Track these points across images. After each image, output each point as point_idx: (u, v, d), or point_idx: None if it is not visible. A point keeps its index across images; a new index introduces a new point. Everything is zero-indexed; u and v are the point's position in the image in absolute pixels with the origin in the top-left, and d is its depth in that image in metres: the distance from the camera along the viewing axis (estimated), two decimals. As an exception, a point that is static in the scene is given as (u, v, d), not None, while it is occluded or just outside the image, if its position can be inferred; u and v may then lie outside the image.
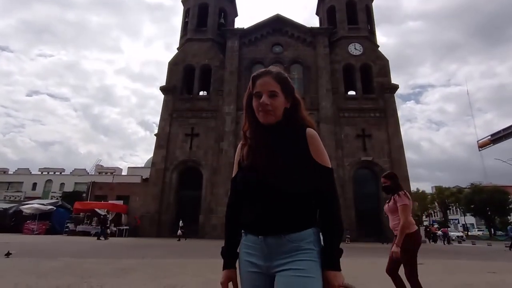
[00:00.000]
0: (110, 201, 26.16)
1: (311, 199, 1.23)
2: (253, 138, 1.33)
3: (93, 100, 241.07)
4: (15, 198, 36.05)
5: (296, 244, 1.17)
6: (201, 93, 28.96)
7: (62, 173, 45.10)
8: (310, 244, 1.18)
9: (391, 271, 3.31)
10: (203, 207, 24.00)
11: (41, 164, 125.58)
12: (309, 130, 1.27)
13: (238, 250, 1.33)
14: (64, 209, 26.14)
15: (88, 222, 24.29)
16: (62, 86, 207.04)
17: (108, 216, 24.04)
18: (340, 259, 1.19)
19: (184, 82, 28.08)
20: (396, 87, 27.01)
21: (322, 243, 1.22)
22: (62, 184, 40.00)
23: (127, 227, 23.79)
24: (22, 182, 41.14)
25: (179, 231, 20.49)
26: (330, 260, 1.18)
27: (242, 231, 1.30)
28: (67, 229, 23.46)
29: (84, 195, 29.89)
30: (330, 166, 1.26)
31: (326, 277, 1.15)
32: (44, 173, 44.69)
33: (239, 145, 1.41)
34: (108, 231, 23.04)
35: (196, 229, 23.05)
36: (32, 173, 44.43)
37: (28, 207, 24.28)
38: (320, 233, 1.22)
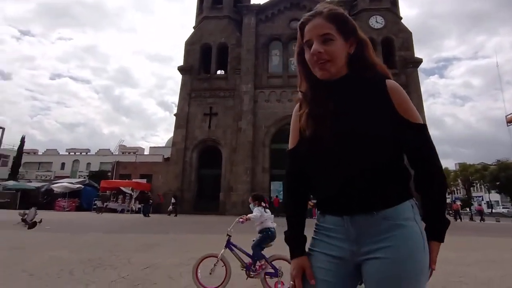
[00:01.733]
0: (134, 180, 27.13)
1: (402, 166, 1.01)
2: (313, 101, 1.06)
3: (113, 82, 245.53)
4: (46, 177, 37.91)
5: (392, 221, 0.94)
6: (218, 72, 28.81)
7: (88, 153, 46.85)
8: (409, 221, 0.95)
9: None
10: (223, 185, 24.46)
11: (68, 145, 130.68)
12: (390, 82, 1.01)
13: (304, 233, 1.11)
14: (92, 187, 27.36)
15: (115, 199, 25.40)
16: (83, 69, 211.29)
17: (133, 194, 25.03)
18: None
19: (202, 62, 27.94)
20: (419, 61, 25.85)
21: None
22: (89, 164, 41.60)
23: (140, 205, 24.73)
24: (51, 162, 43.09)
25: (170, 207, 20.69)
26: (435, 230, 0.96)
27: (319, 212, 1.06)
28: (95, 206, 24.64)
29: (109, 174, 31.05)
30: (422, 122, 1.01)
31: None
32: (71, 153, 46.60)
33: (296, 108, 1.14)
34: (133, 207, 24.07)
35: (216, 206, 23.66)
36: (60, 153, 46.39)
37: (58, 186, 25.59)
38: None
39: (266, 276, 3.34)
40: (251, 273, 3.38)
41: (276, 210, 22.06)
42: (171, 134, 28.42)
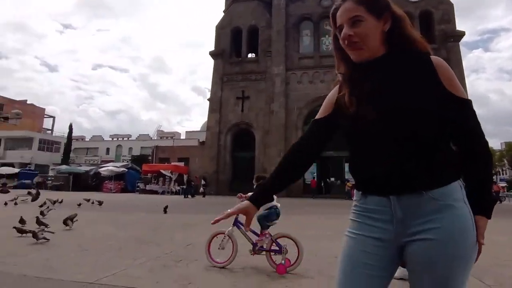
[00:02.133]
0: (172, 163, 28.27)
1: (449, 145, 0.97)
2: (352, 82, 1.02)
3: (149, 70, 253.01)
4: (93, 161, 40.55)
5: (441, 202, 0.90)
6: (249, 55, 28.58)
7: (129, 138, 49.25)
8: (459, 202, 0.91)
9: None
10: (257, 167, 24.71)
11: (111, 131, 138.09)
12: (435, 58, 0.97)
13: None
14: (134, 170, 28.91)
15: (155, 182, 26.69)
16: (121, 58, 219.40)
17: (172, 176, 26.12)
18: None
19: (233, 45, 27.83)
20: (461, 34, 23.87)
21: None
22: (130, 149, 43.78)
23: (182, 187, 25.67)
24: (97, 148, 45.91)
25: (201, 189, 21.69)
26: (482, 206, 0.94)
27: (360, 192, 1.02)
28: (138, 188, 26.09)
29: (150, 158, 32.53)
30: (468, 98, 0.97)
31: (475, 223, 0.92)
32: (114, 139, 49.26)
33: (335, 89, 1.11)
34: (173, 189, 25.14)
35: (251, 188, 24.04)
36: (105, 139, 49.19)
37: (105, 169, 27.34)
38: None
39: (271, 253, 3.49)
40: (257, 250, 3.55)
41: (313, 191, 22.08)
42: (206, 119, 28.98)
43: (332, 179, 23.99)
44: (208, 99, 27.69)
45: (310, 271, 3.45)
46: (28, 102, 58.55)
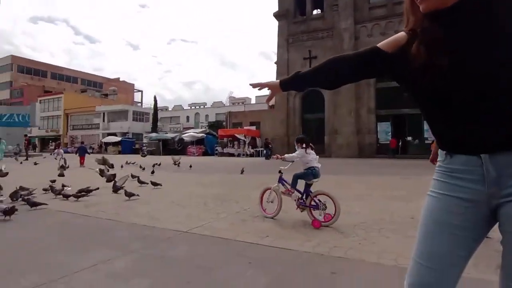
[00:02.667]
0: (245, 127, 29.37)
1: None
2: (422, 32, 0.91)
3: (217, 39, 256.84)
4: (176, 129, 44.43)
5: None
6: (314, 12, 26.80)
7: (205, 106, 52.12)
8: None
9: None
10: (327, 128, 24.14)
11: (189, 100, 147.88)
12: None
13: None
14: (212, 135, 30.95)
15: (231, 145, 28.28)
16: (191, 30, 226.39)
17: (246, 139, 27.28)
18: None
19: (296, 4, 26.34)
20: None
21: None
22: (207, 116, 46.51)
23: (261, 149, 26.57)
24: (179, 116, 49.85)
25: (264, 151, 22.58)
26: None
27: (444, 152, 0.94)
28: (216, 152, 28.04)
29: (224, 123, 34.25)
30: None
31: None
32: (192, 108, 52.68)
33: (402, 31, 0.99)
34: (247, 151, 26.33)
35: (322, 149, 23.80)
36: (184, 108, 52.99)
37: (187, 135, 29.88)
38: None
39: (311, 209, 3.70)
40: (300, 205, 3.78)
41: (392, 151, 20.85)
42: (274, 82, 28.83)
43: (409, 138, 22.17)
44: (275, 63, 27.30)
45: (384, 230, 3.42)
46: (120, 79, 65.93)
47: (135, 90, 65.58)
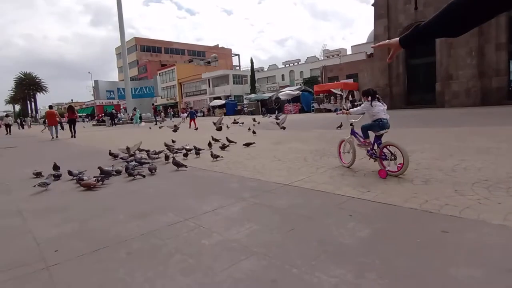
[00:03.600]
0: (341, 81, 27.66)
1: None
2: None
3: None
4: (273, 88, 45.06)
5: None
6: None
7: (299, 63, 50.82)
8: None
9: None
10: (439, 73, 20.68)
11: (282, 58, 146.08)
12: None
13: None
14: (307, 92, 30.36)
15: (328, 101, 27.28)
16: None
17: (343, 94, 25.87)
18: None
19: None
20: None
21: None
22: (301, 72, 45.42)
23: (360, 102, 24.86)
24: (274, 76, 50.17)
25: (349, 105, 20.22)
26: None
27: None
28: (313, 108, 27.56)
29: (319, 78, 32.94)
30: None
31: None
32: (286, 65, 52.09)
33: None
34: (345, 106, 25.05)
35: (432, 99, 20.72)
36: (279, 67, 52.89)
37: (283, 94, 30.04)
38: None
39: (381, 159, 3.73)
40: (372, 155, 3.89)
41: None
42: (371, 28, 25.70)
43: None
44: (373, 4, 24.04)
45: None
46: (219, 46, 69.50)
47: (232, 55, 68.46)
